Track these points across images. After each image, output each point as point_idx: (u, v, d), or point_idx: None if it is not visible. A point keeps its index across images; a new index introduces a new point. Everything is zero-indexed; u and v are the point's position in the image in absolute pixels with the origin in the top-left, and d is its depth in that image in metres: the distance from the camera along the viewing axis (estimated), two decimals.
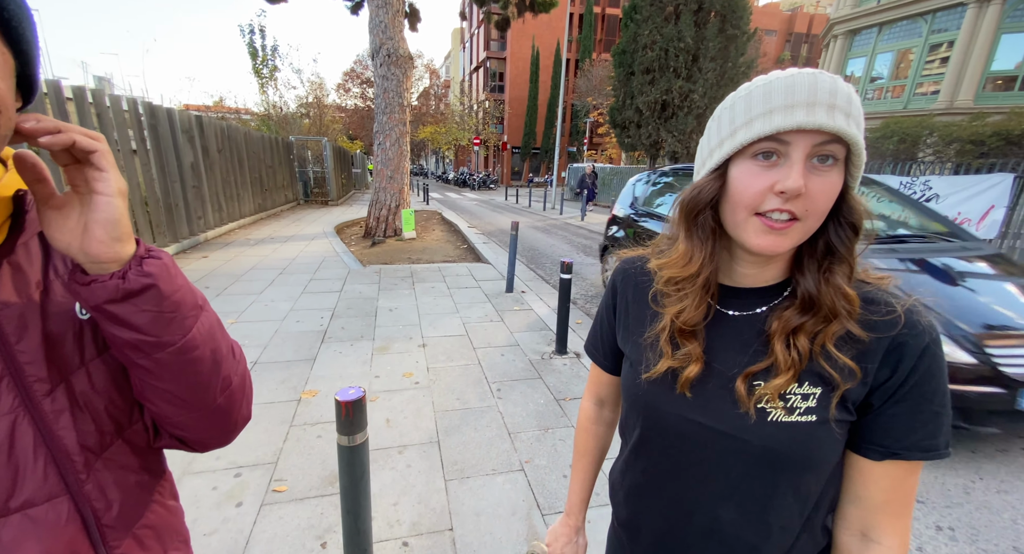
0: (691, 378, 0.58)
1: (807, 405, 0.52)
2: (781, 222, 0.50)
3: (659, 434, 0.62)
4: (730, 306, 0.60)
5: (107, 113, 5.12)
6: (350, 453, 1.28)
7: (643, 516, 0.67)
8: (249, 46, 16.05)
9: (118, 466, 0.51)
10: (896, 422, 0.51)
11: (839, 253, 0.53)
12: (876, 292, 0.54)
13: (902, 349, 0.50)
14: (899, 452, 0.51)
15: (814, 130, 0.47)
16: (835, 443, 0.53)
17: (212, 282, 4.88)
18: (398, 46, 7.67)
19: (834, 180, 0.49)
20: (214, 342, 0.52)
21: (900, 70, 12.12)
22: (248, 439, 2.22)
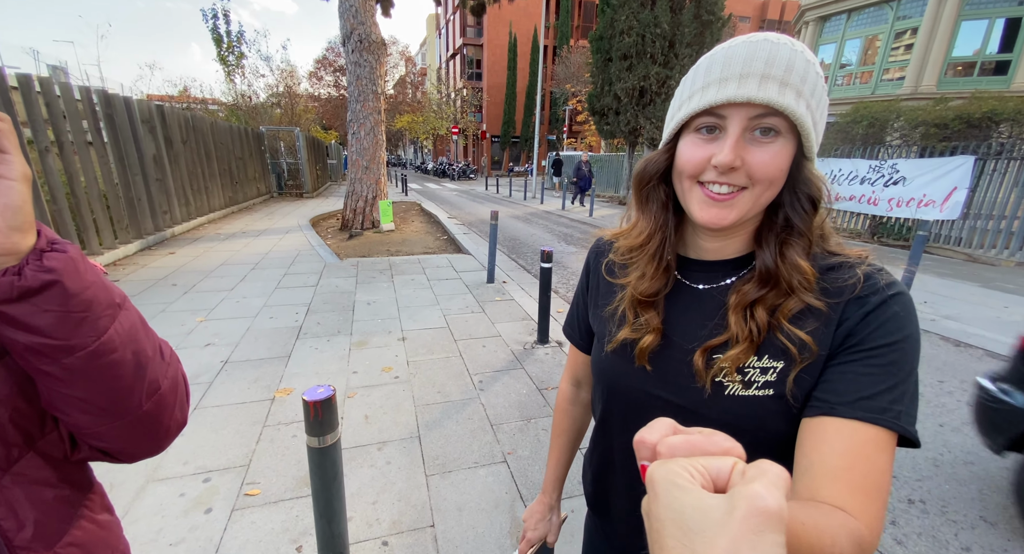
0: (647, 349, 0.58)
1: (765, 379, 0.51)
2: (722, 194, 0.50)
3: (621, 408, 0.63)
4: (697, 279, 0.59)
5: (57, 103, 4.80)
6: (320, 455, 1.22)
7: (610, 494, 0.67)
8: (213, 32, 15.37)
9: (30, 481, 0.46)
10: (842, 378, 0.47)
11: (796, 226, 0.52)
12: (843, 260, 0.52)
13: (857, 303, 0.48)
14: (837, 407, 0.45)
15: (746, 103, 0.47)
16: (790, 416, 0.50)
17: (180, 279, 4.68)
18: (370, 31, 7.42)
19: (777, 151, 0.48)
20: (136, 343, 0.47)
21: (868, 56, 12.37)
22: (218, 442, 2.13)
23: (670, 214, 0.59)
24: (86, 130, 5.26)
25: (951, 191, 6.70)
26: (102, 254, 5.13)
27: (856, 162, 7.91)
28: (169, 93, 16.75)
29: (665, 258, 0.59)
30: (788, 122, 0.48)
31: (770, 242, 0.53)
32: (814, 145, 0.50)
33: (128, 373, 0.46)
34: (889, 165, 7.43)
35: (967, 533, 1.79)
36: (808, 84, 0.47)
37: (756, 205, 0.51)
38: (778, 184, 0.50)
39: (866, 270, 0.50)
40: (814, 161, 0.52)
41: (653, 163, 0.58)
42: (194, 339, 3.24)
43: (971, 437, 2.39)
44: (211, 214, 8.47)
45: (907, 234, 7.68)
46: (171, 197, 6.97)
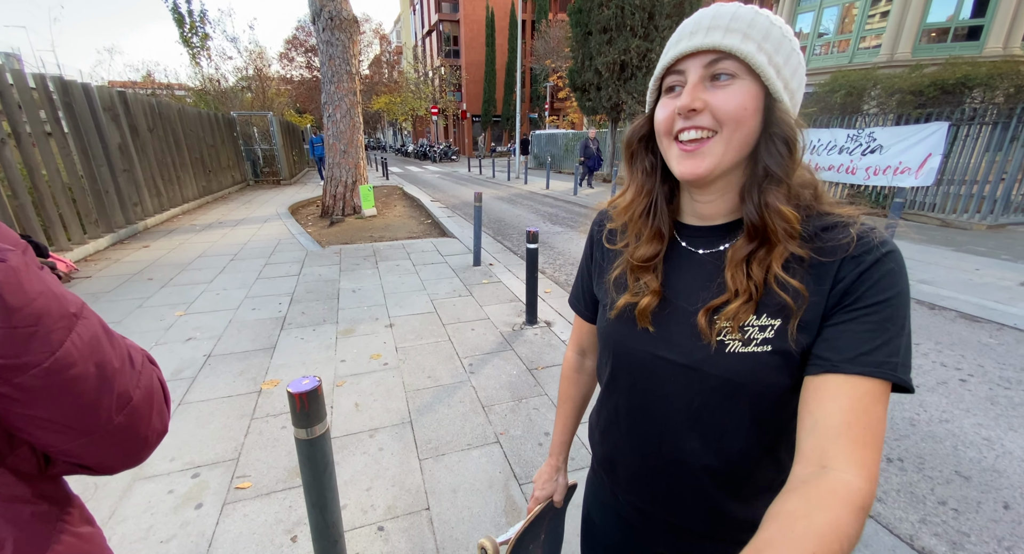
0: (646, 310, 0.61)
1: (764, 336, 0.52)
2: (693, 142, 0.53)
3: (627, 371, 0.65)
4: (698, 244, 0.61)
5: (10, 92, 4.52)
6: (310, 446, 1.21)
7: (617, 451, 0.70)
8: (174, 12, 14.56)
9: (4, 499, 0.43)
10: (842, 336, 0.48)
11: (773, 172, 0.53)
12: (837, 220, 0.53)
13: (852, 262, 0.49)
14: (839, 365, 0.47)
15: (702, 51, 0.51)
16: (791, 370, 0.52)
17: (156, 273, 4.54)
18: (341, 8, 7.11)
19: (737, 91, 0.51)
20: (98, 355, 0.43)
21: (845, 25, 12.34)
22: (206, 437, 2.10)
23: (657, 178, 0.62)
24: (44, 120, 4.98)
25: (926, 157, 6.79)
26: (71, 250, 4.94)
27: (835, 132, 7.96)
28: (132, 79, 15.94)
29: (656, 220, 0.62)
30: (745, 66, 0.50)
31: (752, 194, 0.54)
32: (776, 83, 0.51)
33: (92, 388, 0.42)
34: (867, 134, 7.49)
35: (943, 487, 1.87)
36: (771, 40, 0.51)
37: (729, 149, 0.52)
38: (746, 125, 0.51)
39: (860, 229, 0.51)
40: (785, 104, 0.52)
41: (636, 128, 0.62)
42: (174, 334, 3.16)
43: (947, 396, 2.48)
44: (185, 204, 8.19)
45: (884, 202, 7.82)
46: (141, 188, 6.71)
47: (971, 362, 2.87)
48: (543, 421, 2.26)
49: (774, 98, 0.52)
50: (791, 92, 0.53)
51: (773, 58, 0.51)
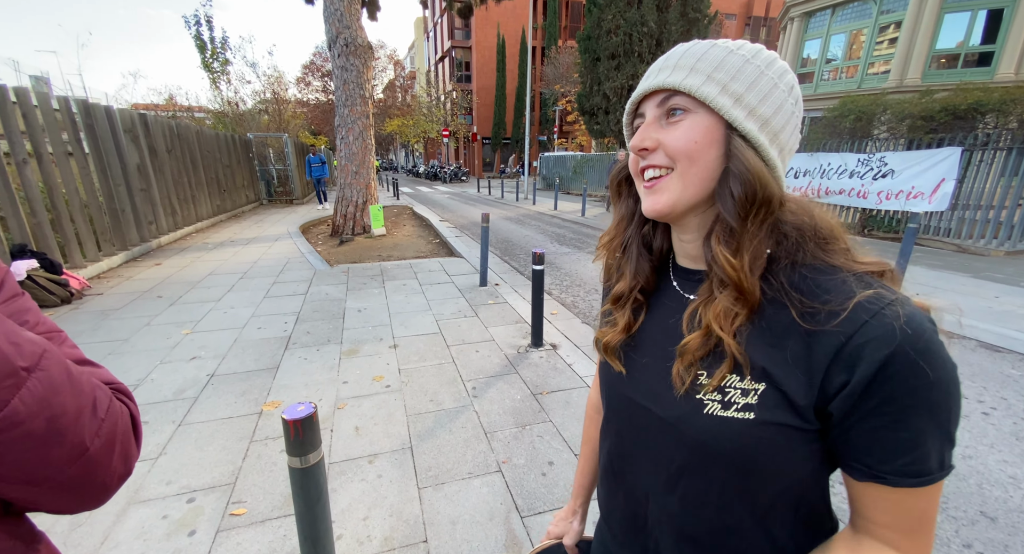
0: (610, 346, 0.60)
1: (746, 401, 0.47)
2: (651, 180, 0.52)
3: (615, 415, 0.63)
4: (687, 288, 0.57)
5: (34, 113, 4.69)
6: (303, 476, 1.17)
7: (611, 501, 0.67)
8: (196, 39, 15.19)
9: None
10: (875, 439, 0.42)
11: (720, 215, 0.49)
12: (844, 278, 0.45)
13: (860, 352, 0.41)
14: (883, 476, 0.43)
15: (652, 92, 0.52)
16: (786, 447, 0.46)
17: (166, 291, 4.59)
18: (356, 35, 7.36)
19: (686, 125, 0.49)
20: (52, 408, 0.41)
21: (853, 51, 12.47)
22: (203, 459, 2.07)
23: (634, 220, 0.61)
24: (66, 141, 5.16)
25: (939, 182, 6.73)
26: (85, 267, 5.03)
27: (845, 156, 7.94)
28: (154, 101, 16.56)
29: (628, 259, 0.61)
30: (695, 100, 0.48)
31: (708, 237, 0.51)
32: (740, 117, 0.47)
33: (39, 443, 0.40)
34: (877, 158, 7.47)
35: (967, 529, 1.76)
36: (725, 69, 0.48)
37: (688, 186, 0.50)
38: (700, 159, 0.49)
39: (863, 303, 0.42)
40: (751, 135, 0.47)
41: (619, 169, 0.62)
42: (180, 352, 3.17)
43: (969, 431, 2.37)
44: (198, 223, 8.35)
45: (897, 227, 7.72)
46: (156, 207, 6.86)
47: (993, 394, 2.75)
48: (547, 449, 2.19)
49: (735, 129, 0.48)
50: (761, 119, 0.47)
51: (729, 87, 0.47)
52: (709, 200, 0.51)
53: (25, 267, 3.95)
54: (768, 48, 0.51)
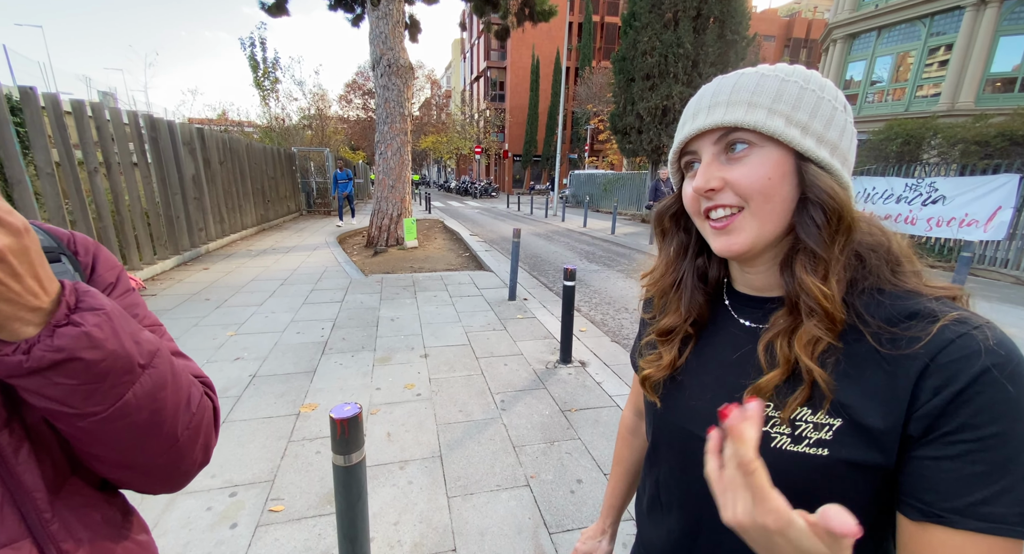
0: (650, 381, 0.60)
1: (819, 436, 0.44)
2: (723, 219, 0.49)
3: (667, 445, 0.61)
4: (748, 316, 0.55)
5: (107, 126, 5.12)
6: (346, 474, 1.22)
7: (657, 532, 0.64)
8: (251, 59, 16.20)
9: (80, 504, 0.47)
10: (942, 470, 0.38)
11: (804, 243, 0.47)
12: (924, 303, 0.43)
13: (945, 370, 0.38)
14: (944, 515, 0.38)
15: (709, 130, 0.49)
16: (861, 487, 0.44)
17: (213, 294, 4.84)
18: (398, 56, 7.71)
19: (756, 162, 0.47)
20: (156, 403, 0.46)
21: (900, 73, 12.12)
22: (245, 456, 2.16)
23: (689, 255, 0.60)
24: (132, 152, 5.58)
25: (995, 210, 6.39)
26: (141, 269, 5.37)
27: (891, 180, 7.67)
28: (208, 116, 17.68)
29: (679, 295, 0.60)
30: (759, 134, 0.46)
31: (789, 264, 0.49)
32: (811, 146, 0.46)
33: (140, 434, 0.46)
34: (927, 183, 7.17)
35: None
36: (785, 99, 0.46)
37: (764, 223, 0.48)
38: (776, 195, 0.47)
39: (950, 325, 0.40)
40: (824, 162, 0.46)
41: (666, 206, 0.60)
42: (224, 353, 3.33)
43: None
44: (244, 231, 8.79)
45: (948, 255, 7.34)
46: (207, 215, 7.28)
47: None
48: (576, 467, 2.18)
49: (806, 159, 0.46)
50: (830, 144, 0.47)
51: (793, 117, 0.46)
52: (785, 231, 0.49)
53: None
54: (811, 68, 0.50)
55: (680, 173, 0.56)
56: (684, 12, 12.08)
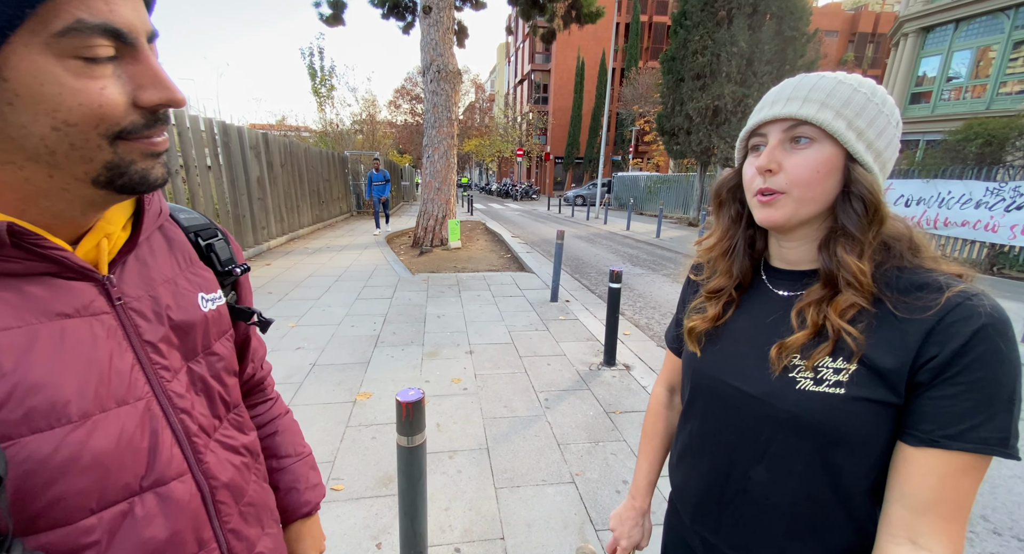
0: (695, 332, 0.69)
1: (837, 378, 0.54)
2: (767, 196, 0.58)
3: (702, 397, 0.69)
4: (781, 286, 0.65)
5: (187, 132, 5.61)
6: (409, 454, 1.31)
7: (689, 476, 0.71)
8: (309, 68, 17.16)
9: (226, 447, 0.53)
10: (941, 406, 0.49)
11: (846, 229, 0.56)
12: (933, 278, 0.53)
13: (949, 329, 0.49)
14: (940, 439, 0.48)
15: (782, 119, 0.57)
16: (871, 423, 0.52)
17: (275, 288, 5.19)
18: (448, 62, 7.94)
19: (812, 156, 0.55)
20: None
21: (980, 69, 11.13)
22: (308, 438, 2.30)
23: (742, 224, 0.68)
24: (207, 155, 6.07)
25: None
26: None
27: (969, 184, 7.07)
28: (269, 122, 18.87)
29: (731, 260, 0.68)
30: (822, 131, 0.54)
31: (827, 245, 0.58)
32: (862, 151, 0.55)
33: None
34: (1011, 188, 6.56)
35: None
36: (852, 106, 0.54)
37: (801, 207, 0.57)
38: (818, 185, 0.55)
39: (955, 293, 0.50)
40: (868, 165, 0.56)
41: (725, 180, 0.69)
42: (287, 342, 3.57)
43: None
44: (300, 230, 9.32)
45: None
46: (269, 215, 7.79)
47: None
48: (621, 468, 2.19)
49: (854, 159, 0.55)
50: (876, 151, 0.56)
51: (854, 122, 0.54)
52: (821, 216, 0.59)
53: None
54: (877, 65, 0.57)
55: (744, 152, 0.65)
56: (739, 9, 11.68)
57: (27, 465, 0.34)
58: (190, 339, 0.50)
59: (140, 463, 0.42)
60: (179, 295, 0.50)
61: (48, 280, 0.38)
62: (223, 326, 0.56)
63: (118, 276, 0.44)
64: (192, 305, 0.51)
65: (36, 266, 0.37)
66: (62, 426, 0.36)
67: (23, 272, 0.37)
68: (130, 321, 0.44)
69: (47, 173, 0.36)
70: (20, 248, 0.36)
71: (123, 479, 0.40)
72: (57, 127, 0.34)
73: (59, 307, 0.38)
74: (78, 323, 0.39)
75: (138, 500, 0.41)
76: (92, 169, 0.37)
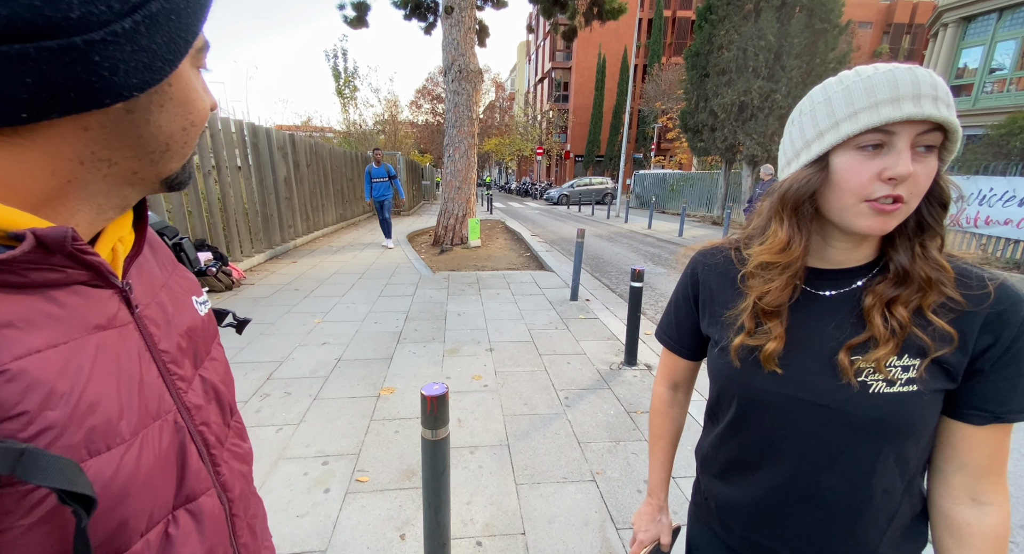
0: (772, 355, 0.62)
1: (907, 376, 0.56)
2: (889, 205, 0.54)
3: (757, 411, 0.65)
4: (823, 287, 0.63)
5: (219, 134, 5.81)
6: (433, 447, 1.34)
7: (741, 489, 0.69)
8: (333, 69, 17.49)
9: (234, 456, 0.51)
10: (1001, 387, 0.54)
11: (932, 228, 0.57)
12: (968, 266, 0.58)
13: (1002, 318, 0.54)
14: (1003, 415, 0.55)
15: (919, 120, 0.51)
16: (935, 411, 0.57)
17: (301, 285, 5.33)
18: (469, 62, 7.98)
19: (933, 165, 0.54)
20: None
21: None
22: (334, 430, 2.39)
23: (805, 233, 0.61)
24: (237, 156, 6.27)
25: None
26: (241, 261, 6.03)
27: (1013, 181, 6.72)
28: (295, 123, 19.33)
29: (798, 273, 0.63)
30: (941, 137, 0.53)
31: (904, 244, 0.58)
32: (952, 156, 0.56)
33: None
34: None
35: None
36: (953, 105, 0.53)
37: (907, 215, 0.56)
38: (923, 194, 0.55)
39: (999, 282, 0.55)
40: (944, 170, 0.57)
41: (812, 182, 0.58)
42: (313, 338, 3.68)
43: None
44: (325, 229, 9.53)
45: None
46: (295, 213, 7.99)
47: None
48: (642, 467, 2.18)
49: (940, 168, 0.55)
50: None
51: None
52: None
53: (203, 258, 4.87)
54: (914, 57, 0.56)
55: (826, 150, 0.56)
56: (767, 2, 11.36)
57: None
58: (196, 345, 0.48)
59: (173, 479, 0.40)
60: (177, 300, 0.48)
61: (80, 289, 0.36)
62: (214, 329, 0.55)
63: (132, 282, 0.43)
64: (190, 309, 0.49)
65: (77, 275, 0.35)
66: (118, 446, 0.34)
67: (63, 281, 0.34)
68: (146, 330, 0.42)
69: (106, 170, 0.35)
70: (71, 256, 0.34)
71: (164, 496, 0.38)
72: (185, 127, 0.38)
73: (95, 318, 0.36)
74: (111, 335, 0.37)
75: (171, 518, 0.40)
76: (176, 166, 0.40)
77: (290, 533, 1.72)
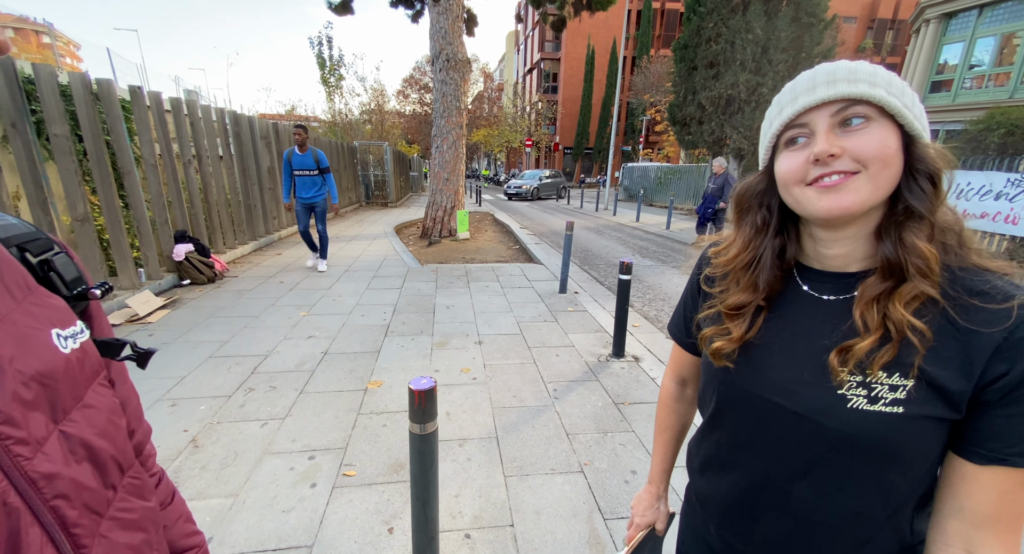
0: (718, 352, 0.63)
1: (893, 396, 0.50)
2: (833, 181, 0.52)
3: (734, 409, 0.64)
4: (824, 291, 0.59)
5: (199, 122, 5.64)
6: (421, 441, 1.32)
7: (717, 486, 0.68)
8: (318, 57, 17.10)
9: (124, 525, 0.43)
10: (1012, 425, 0.46)
11: (914, 209, 0.51)
12: (994, 280, 0.49)
13: (1019, 345, 0.46)
14: (1007, 457, 0.47)
15: (830, 101, 0.52)
16: (929, 440, 0.50)
17: (287, 277, 5.24)
18: (457, 51, 7.86)
19: (875, 133, 0.51)
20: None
21: (1004, 56, 10.77)
22: (321, 425, 2.36)
23: (768, 233, 0.62)
24: (219, 145, 6.11)
25: None
26: (224, 253, 5.90)
27: (990, 175, 6.89)
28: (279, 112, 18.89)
29: (755, 273, 0.62)
30: (877, 108, 0.50)
31: (889, 232, 0.53)
32: (915, 122, 0.51)
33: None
34: None
35: None
36: (895, 87, 0.51)
37: (876, 188, 0.51)
38: (892, 164, 0.51)
39: (1021, 306, 0.47)
40: (926, 140, 0.53)
41: (752, 184, 0.63)
42: (299, 331, 3.62)
43: None
44: None
45: None
46: (279, 204, 7.83)
47: None
48: (630, 458, 2.20)
49: (912, 136, 0.52)
50: (925, 129, 0.53)
51: (902, 100, 0.51)
52: (881, 205, 0.54)
53: (184, 249, 4.75)
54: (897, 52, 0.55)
55: (772, 151, 0.60)
56: None
57: None
58: (54, 394, 0.38)
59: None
60: (22, 337, 0.37)
61: None
62: (94, 366, 0.44)
63: None
64: (45, 347, 0.39)
65: None
66: None
67: None
68: None
69: None
70: None
71: None
72: None
73: None
74: None
75: None
76: None
77: (276, 529, 1.70)
